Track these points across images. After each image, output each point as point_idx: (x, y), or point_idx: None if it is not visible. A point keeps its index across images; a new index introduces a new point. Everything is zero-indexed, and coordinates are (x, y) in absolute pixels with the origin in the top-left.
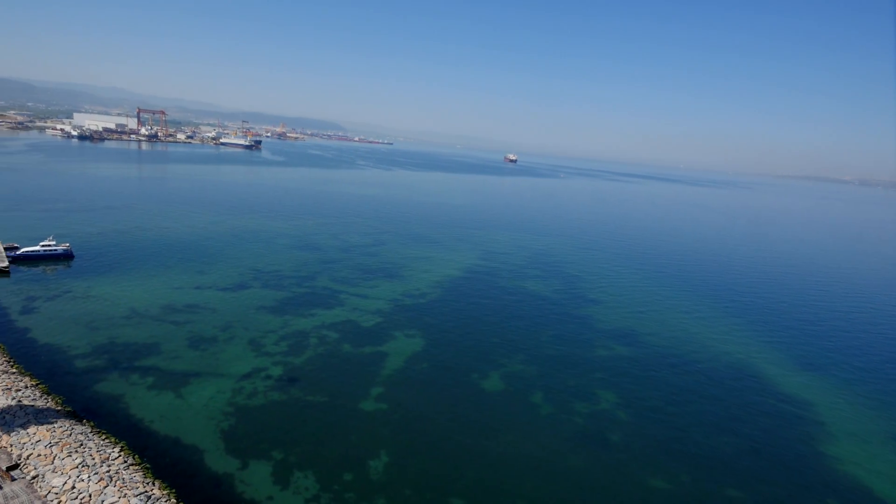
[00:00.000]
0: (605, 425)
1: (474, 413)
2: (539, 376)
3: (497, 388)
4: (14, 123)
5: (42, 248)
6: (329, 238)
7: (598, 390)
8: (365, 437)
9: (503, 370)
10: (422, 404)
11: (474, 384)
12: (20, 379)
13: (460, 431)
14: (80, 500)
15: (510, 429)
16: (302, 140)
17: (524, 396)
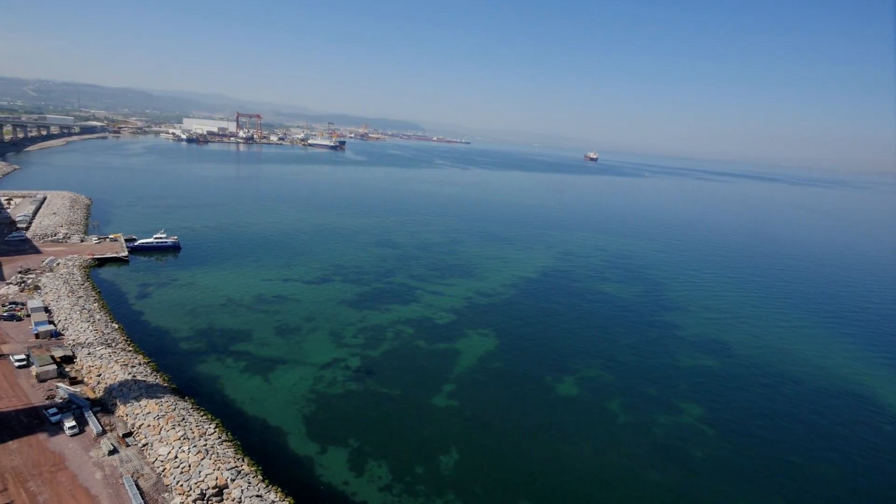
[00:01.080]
0: (687, 441)
1: (547, 417)
2: (616, 384)
3: (571, 393)
4: (135, 128)
5: (155, 240)
6: (407, 235)
7: (681, 403)
8: (437, 432)
9: (578, 375)
10: (494, 404)
11: (547, 387)
12: (135, 357)
13: (532, 434)
14: (181, 469)
15: (584, 436)
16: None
17: (600, 404)
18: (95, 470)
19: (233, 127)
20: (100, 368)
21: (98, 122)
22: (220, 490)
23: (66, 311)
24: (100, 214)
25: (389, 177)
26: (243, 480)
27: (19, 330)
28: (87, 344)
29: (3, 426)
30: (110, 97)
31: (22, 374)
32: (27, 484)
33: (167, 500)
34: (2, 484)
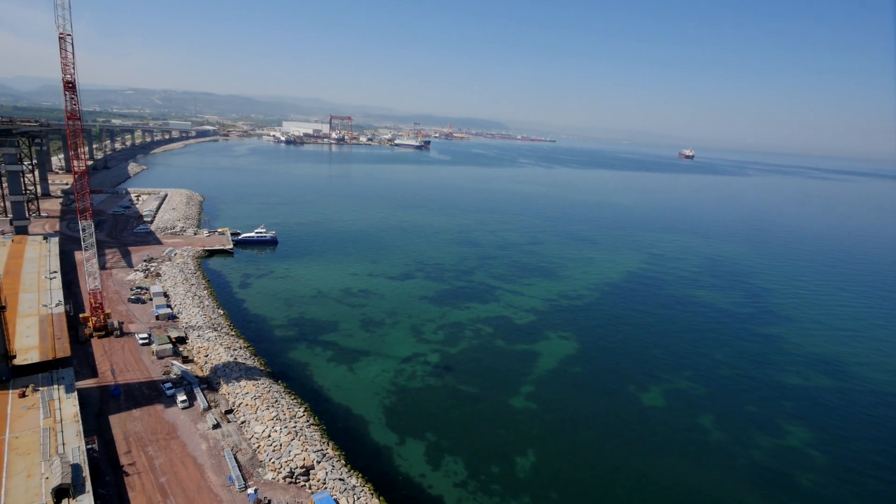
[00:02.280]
0: (792, 468)
1: (630, 427)
2: (709, 398)
3: (658, 404)
4: (241, 132)
5: (256, 234)
6: (488, 234)
7: (786, 424)
8: (513, 432)
9: (665, 385)
10: (573, 409)
11: (632, 396)
12: (237, 341)
13: (613, 444)
14: (274, 447)
15: (671, 450)
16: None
17: (690, 418)
18: (201, 441)
19: (326, 129)
20: (207, 350)
21: (211, 127)
22: (307, 470)
23: (181, 296)
24: (210, 210)
25: (472, 176)
26: (328, 463)
27: (143, 311)
28: (198, 327)
29: (129, 396)
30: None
31: (144, 351)
32: (146, 448)
33: (261, 475)
34: (126, 446)
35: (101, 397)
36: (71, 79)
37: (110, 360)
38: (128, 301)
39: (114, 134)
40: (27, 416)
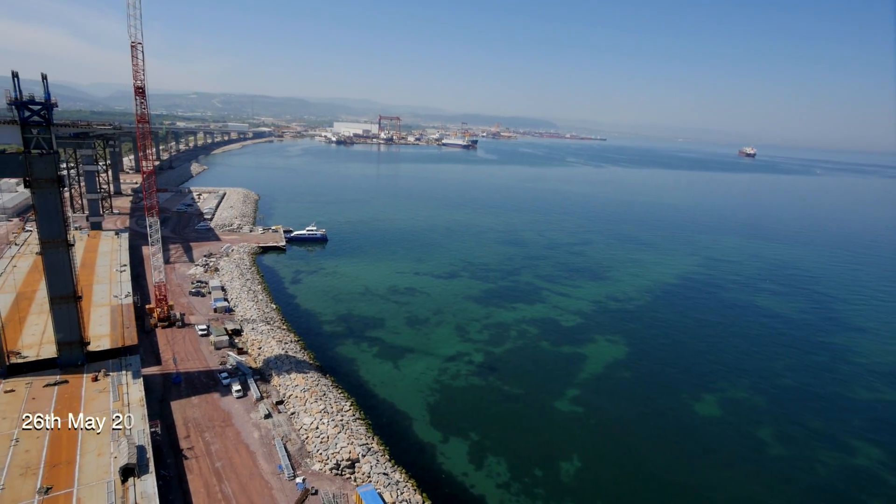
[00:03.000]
0: (861, 489)
1: (681, 436)
2: (768, 410)
3: (711, 414)
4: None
5: (307, 232)
6: (535, 234)
7: (854, 441)
8: (558, 436)
9: (720, 395)
10: (621, 415)
11: (683, 405)
12: (288, 334)
13: (663, 453)
14: (321, 438)
15: (725, 464)
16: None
17: (747, 430)
18: (254, 430)
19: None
20: (260, 342)
21: (266, 128)
22: (353, 463)
23: (237, 290)
24: (265, 208)
25: (519, 175)
26: (373, 457)
27: (202, 304)
28: (252, 320)
29: (189, 383)
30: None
31: (203, 342)
32: (203, 434)
33: (309, 465)
34: (186, 431)
35: (164, 384)
36: (141, 84)
37: (172, 349)
38: (189, 294)
39: (178, 136)
40: (99, 398)
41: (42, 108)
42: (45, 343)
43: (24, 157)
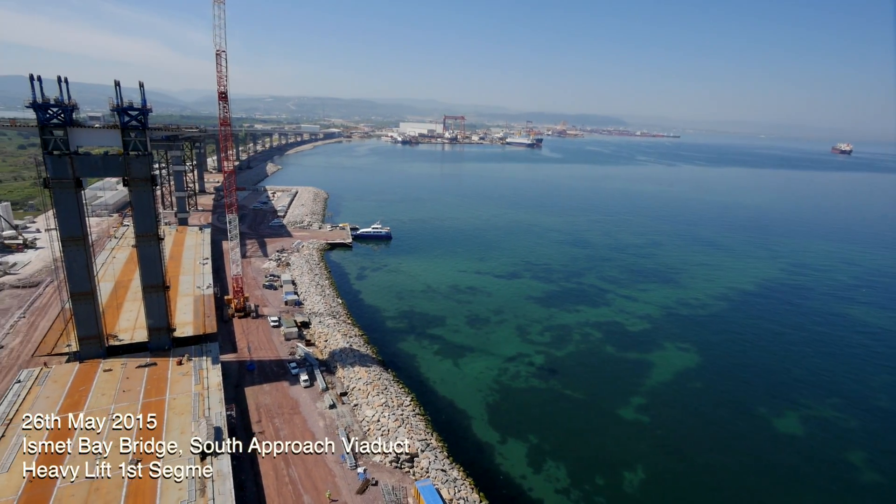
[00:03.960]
0: None
1: (757, 455)
2: (863, 430)
3: (794, 432)
4: (362, 133)
5: (372, 229)
6: (600, 235)
7: None
8: (622, 445)
9: (805, 412)
10: (690, 428)
11: (761, 420)
12: (352, 329)
13: (736, 471)
14: (382, 431)
15: (808, 487)
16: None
17: (836, 452)
18: (319, 419)
19: (440, 129)
20: (326, 335)
21: (336, 129)
22: (412, 457)
23: (306, 284)
24: (333, 206)
25: (584, 174)
26: (431, 453)
27: (275, 297)
28: (319, 314)
29: (261, 371)
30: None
31: (274, 333)
32: (273, 420)
33: (369, 456)
34: (257, 416)
35: (239, 370)
36: (224, 90)
37: (247, 338)
38: (262, 287)
39: (256, 137)
40: (182, 381)
41: (139, 113)
42: (138, 328)
43: (123, 158)
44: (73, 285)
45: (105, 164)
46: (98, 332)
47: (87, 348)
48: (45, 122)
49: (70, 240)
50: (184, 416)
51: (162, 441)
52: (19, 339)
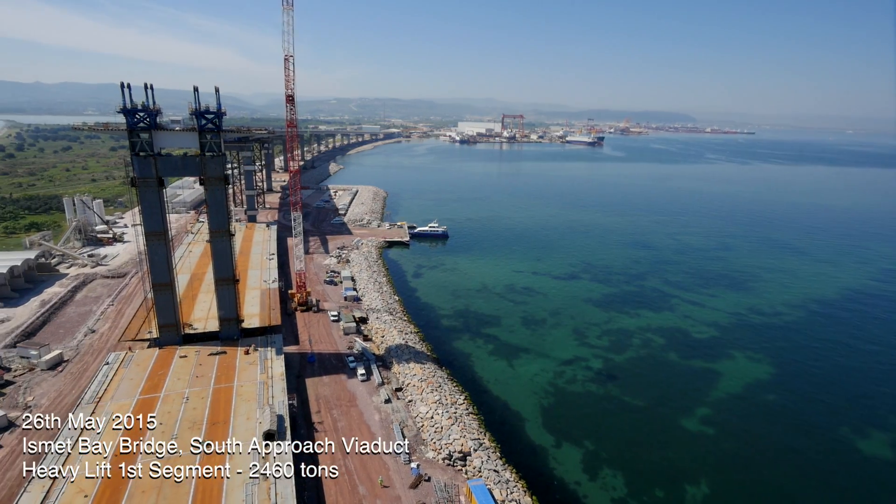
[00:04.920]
0: None
1: (839, 477)
2: None
3: (880, 455)
4: (421, 133)
5: (429, 228)
6: (664, 237)
7: None
8: (684, 457)
9: (894, 433)
10: (761, 443)
11: (843, 441)
12: (408, 326)
13: (816, 494)
14: (436, 428)
15: None
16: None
17: None
18: (375, 413)
19: (498, 128)
20: (383, 331)
21: (396, 129)
22: (464, 456)
23: (364, 281)
24: (391, 205)
25: (648, 173)
26: (484, 453)
27: (335, 292)
28: (376, 310)
29: (321, 363)
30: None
31: (334, 327)
32: (332, 411)
33: (423, 452)
34: (317, 406)
35: (301, 362)
36: (291, 93)
37: (308, 331)
38: (324, 282)
39: (319, 138)
40: (249, 369)
41: (214, 116)
42: (210, 318)
43: (200, 158)
44: (155, 276)
45: (184, 164)
46: (175, 321)
47: (166, 335)
48: (132, 126)
49: (153, 234)
50: (250, 402)
51: (230, 425)
52: (108, 324)
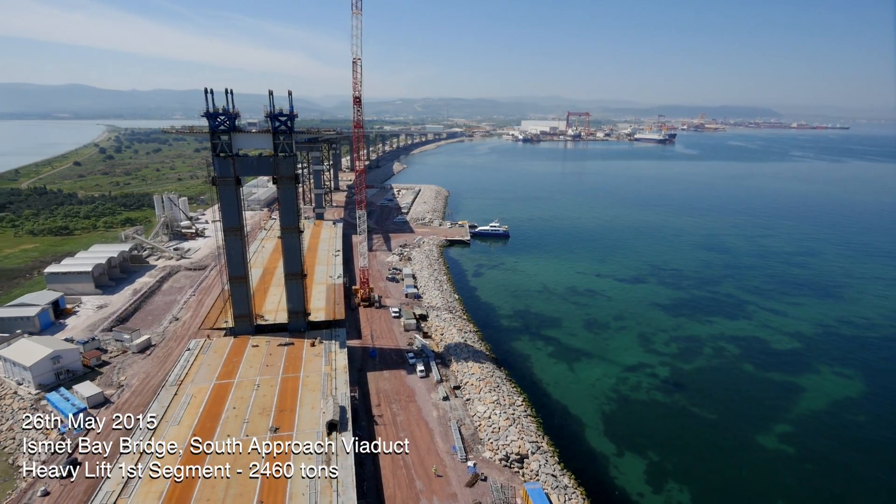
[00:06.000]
0: None
1: None
2: None
3: None
4: (484, 132)
5: (490, 227)
6: (741, 240)
7: None
8: (760, 477)
9: None
10: (850, 468)
11: None
12: (467, 325)
13: None
14: (493, 428)
15: None
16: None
17: None
18: (433, 409)
19: (563, 126)
20: (442, 329)
21: (458, 129)
22: (522, 458)
23: (425, 279)
24: (453, 204)
25: (724, 172)
26: (542, 456)
27: (396, 289)
28: (436, 307)
29: (382, 358)
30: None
31: (395, 323)
32: (391, 405)
33: (479, 451)
34: (377, 400)
35: (362, 356)
36: (358, 95)
37: (370, 326)
38: (386, 279)
39: (384, 138)
40: (314, 361)
41: (287, 118)
42: (280, 310)
43: (273, 158)
44: (231, 269)
45: (259, 164)
46: (249, 312)
47: (240, 325)
48: (214, 129)
49: (230, 230)
50: (314, 392)
51: (296, 413)
52: (190, 313)
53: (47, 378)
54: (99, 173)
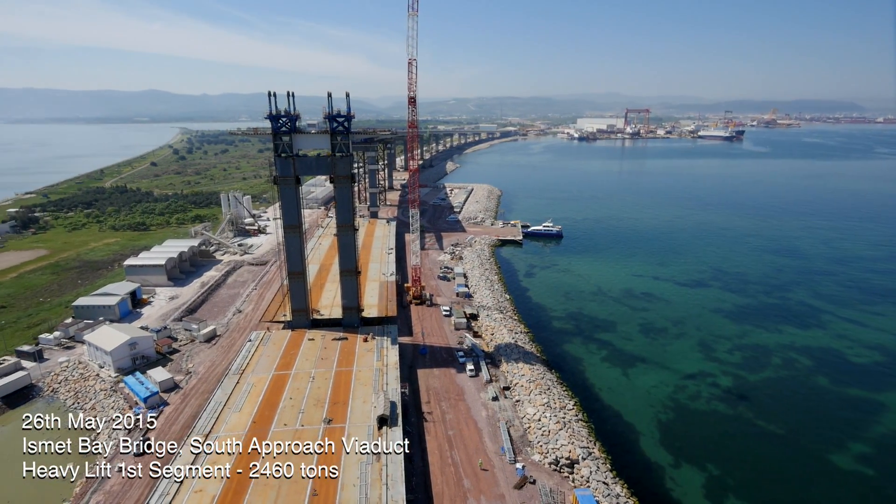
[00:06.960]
0: None
1: None
2: None
3: None
4: (538, 131)
5: (543, 227)
6: (816, 244)
7: None
8: (833, 497)
9: None
10: None
11: None
12: (518, 325)
13: None
14: (542, 431)
15: None
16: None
17: None
18: (482, 409)
19: (621, 123)
20: (493, 329)
21: (512, 128)
22: (572, 463)
23: (476, 278)
24: (505, 203)
25: (798, 171)
26: (593, 462)
27: (447, 287)
28: (487, 307)
29: (432, 356)
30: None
31: (445, 321)
32: (441, 403)
33: (528, 454)
34: (427, 397)
35: (413, 353)
36: (413, 95)
37: (421, 324)
38: (437, 277)
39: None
40: (366, 356)
41: (344, 119)
42: (335, 306)
43: (331, 158)
44: (290, 265)
45: (317, 163)
46: (306, 307)
47: (298, 319)
48: (276, 130)
49: (289, 227)
50: (366, 387)
51: (348, 406)
52: (251, 306)
53: (125, 363)
54: (172, 173)
